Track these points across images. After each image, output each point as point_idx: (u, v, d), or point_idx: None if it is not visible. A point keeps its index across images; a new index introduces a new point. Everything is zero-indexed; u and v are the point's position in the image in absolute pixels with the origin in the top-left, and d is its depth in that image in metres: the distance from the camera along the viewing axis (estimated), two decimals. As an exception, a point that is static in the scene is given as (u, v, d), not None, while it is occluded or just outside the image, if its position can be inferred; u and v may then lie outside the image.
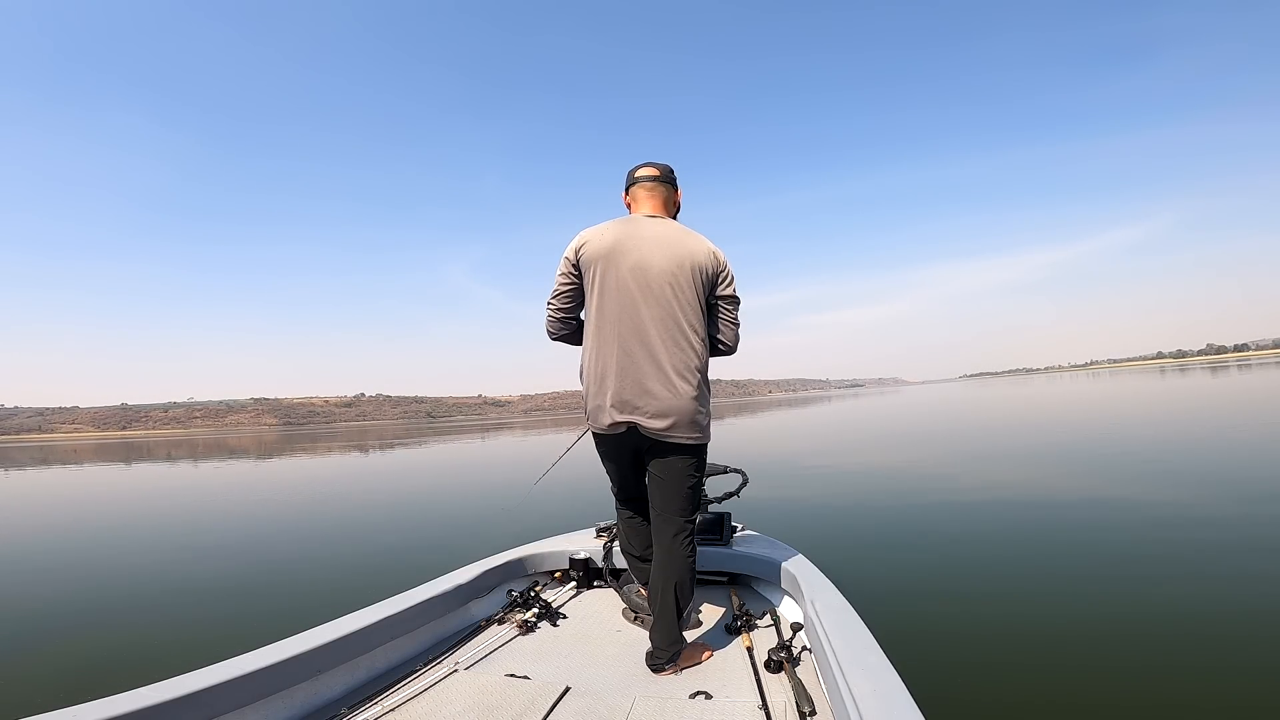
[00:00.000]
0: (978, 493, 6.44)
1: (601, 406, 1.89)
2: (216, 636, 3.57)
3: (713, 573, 2.52)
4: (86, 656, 3.41)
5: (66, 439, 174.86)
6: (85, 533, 7.66)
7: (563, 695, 1.66)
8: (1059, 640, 2.82)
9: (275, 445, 35.10)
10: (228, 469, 18.42)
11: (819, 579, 2.06)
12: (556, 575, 2.68)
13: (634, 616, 2.24)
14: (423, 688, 1.74)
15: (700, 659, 1.89)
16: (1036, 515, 5.27)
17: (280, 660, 1.56)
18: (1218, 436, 9.60)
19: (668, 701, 1.63)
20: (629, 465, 2.05)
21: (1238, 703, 2.24)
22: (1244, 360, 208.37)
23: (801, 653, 1.86)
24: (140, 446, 48.80)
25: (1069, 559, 3.97)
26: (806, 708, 1.54)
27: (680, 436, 1.85)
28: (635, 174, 2.08)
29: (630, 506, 2.17)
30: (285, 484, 13.20)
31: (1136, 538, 4.34)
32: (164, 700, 1.33)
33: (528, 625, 2.18)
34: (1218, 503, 5.23)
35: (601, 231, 1.95)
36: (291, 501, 9.91)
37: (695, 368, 1.88)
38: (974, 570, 3.93)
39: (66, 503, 11.64)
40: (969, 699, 2.36)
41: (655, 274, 1.88)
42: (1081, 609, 3.17)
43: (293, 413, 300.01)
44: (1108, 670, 2.50)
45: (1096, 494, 5.95)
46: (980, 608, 3.31)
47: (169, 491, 12.81)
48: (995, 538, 4.66)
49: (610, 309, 1.89)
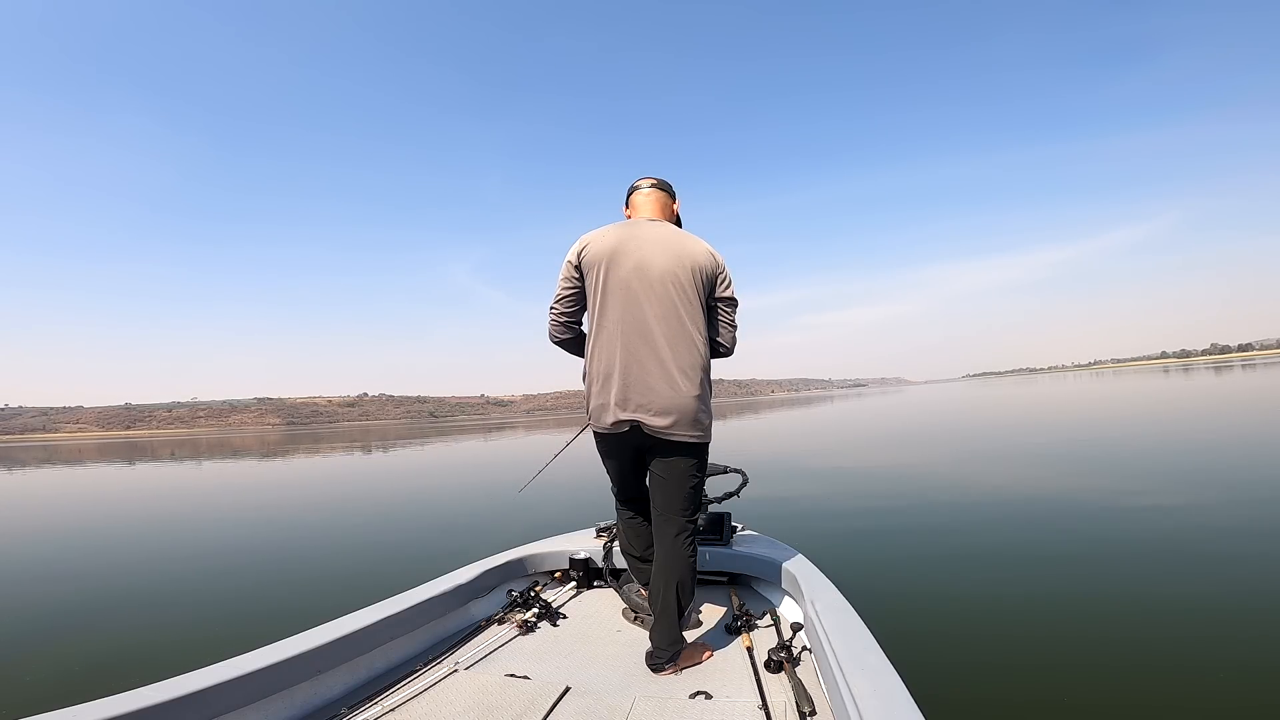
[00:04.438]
0: (978, 493, 6.43)
1: (605, 405, 1.89)
2: (217, 636, 3.58)
3: (713, 573, 2.52)
4: (87, 656, 3.41)
5: (70, 439, 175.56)
6: (86, 533, 7.68)
7: (563, 695, 1.66)
8: (1059, 640, 2.81)
9: (278, 445, 35.17)
10: (230, 469, 18.46)
11: (819, 579, 2.06)
12: (556, 575, 2.68)
13: (634, 616, 2.24)
14: (423, 688, 1.74)
15: (700, 659, 1.89)
16: (1037, 515, 5.25)
17: (280, 660, 1.56)
18: (1219, 436, 9.56)
19: (668, 701, 1.63)
20: (630, 465, 2.05)
21: (1237, 702, 2.23)
22: (1248, 360, 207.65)
23: (801, 653, 1.86)
24: (144, 446, 48.95)
25: (1069, 559, 3.96)
26: (806, 708, 1.54)
27: (682, 435, 1.86)
28: (634, 185, 2.16)
29: (631, 507, 2.18)
30: (287, 484, 13.22)
31: (1137, 538, 4.33)
32: (164, 700, 1.33)
33: (528, 625, 2.19)
34: (1219, 502, 5.21)
35: (603, 234, 1.97)
36: (292, 502, 9.93)
37: (699, 366, 1.90)
38: (974, 570, 3.92)
39: (69, 502, 11.69)
40: (969, 699, 2.35)
41: (657, 274, 1.90)
42: (1082, 609, 3.16)
43: (296, 412, 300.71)
44: (1108, 670, 2.49)
45: (1097, 494, 5.93)
46: (980, 608, 3.30)
47: (171, 491, 12.85)
48: (995, 538, 4.66)
49: (613, 309, 1.90)
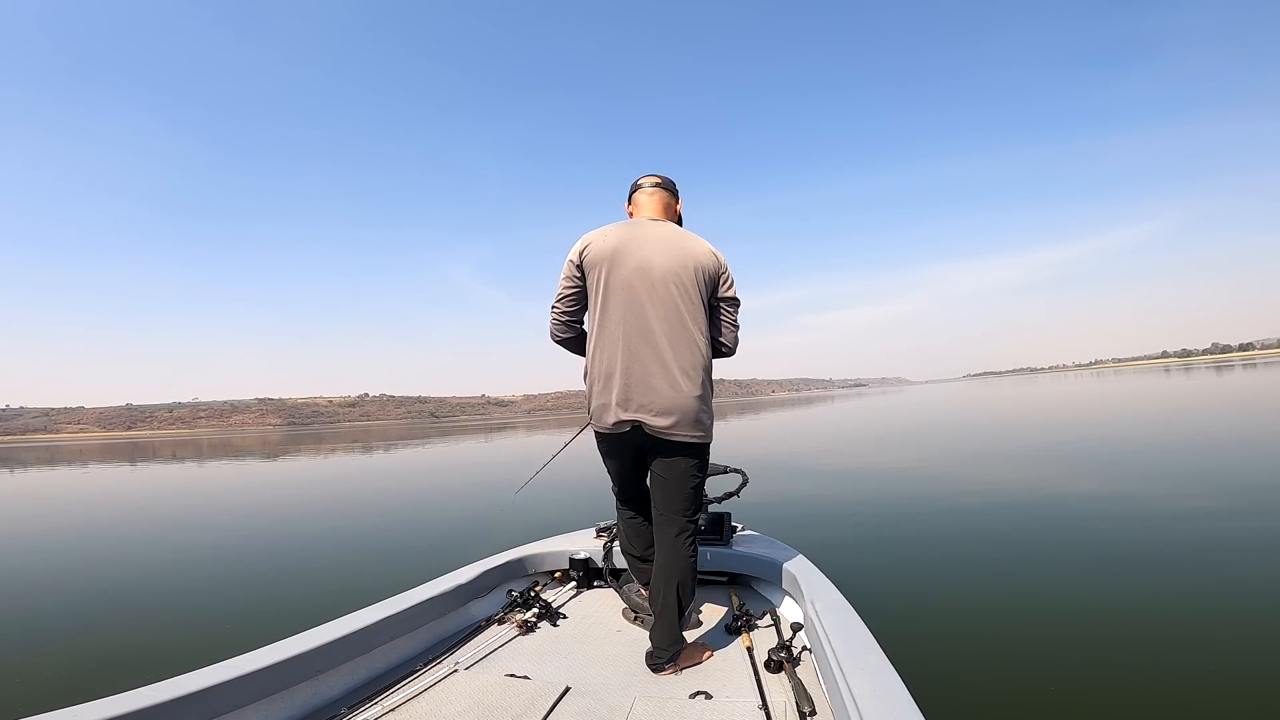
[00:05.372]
0: (978, 492, 6.42)
1: (606, 405, 1.89)
2: (217, 636, 3.58)
3: (713, 573, 2.52)
4: (87, 656, 3.42)
5: (72, 439, 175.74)
6: (87, 533, 7.69)
7: (563, 695, 1.66)
8: (1059, 640, 2.80)
9: (280, 445, 35.19)
10: (231, 469, 18.47)
11: (819, 579, 2.06)
12: (556, 575, 2.68)
13: (634, 616, 2.24)
14: (423, 688, 1.74)
15: (700, 659, 1.89)
16: (1037, 515, 5.25)
17: (280, 660, 1.56)
18: (1219, 435, 9.55)
19: (668, 701, 1.63)
20: (631, 464, 2.05)
21: (1238, 701, 2.23)
22: (1249, 359, 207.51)
23: (801, 653, 1.86)
24: (145, 447, 49.01)
25: (1070, 558, 3.95)
26: (806, 708, 1.54)
27: (684, 435, 1.86)
28: (637, 182, 2.14)
29: (631, 506, 2.18)
30: (287, 485, 13.23)
31: (1138, 537, 4.32)
32: (164, 700, 1.33)
33: (528, 625, 2.19)
34: (1220, 502, 5.20)
35: (605, 234, 1.96)
36: (292, 502, 9.93)
37: (700, 366, 1.89)
38: (974, 570, 3.92)
39: (70, 503, 11.70)
40: (969, 699, 2.35)
41: (659, 274, 1.89)
42: (1082, 608, 3.15)
43: (297, 413, 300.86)
44: (1108, 669, 2.49)
45: (1097, 494, 5.92)
46: (980, 607, 3.30)
47: (172, 492, 12.86)
48: (995, 538, 4.65)
49: (615, 309, 1.90)
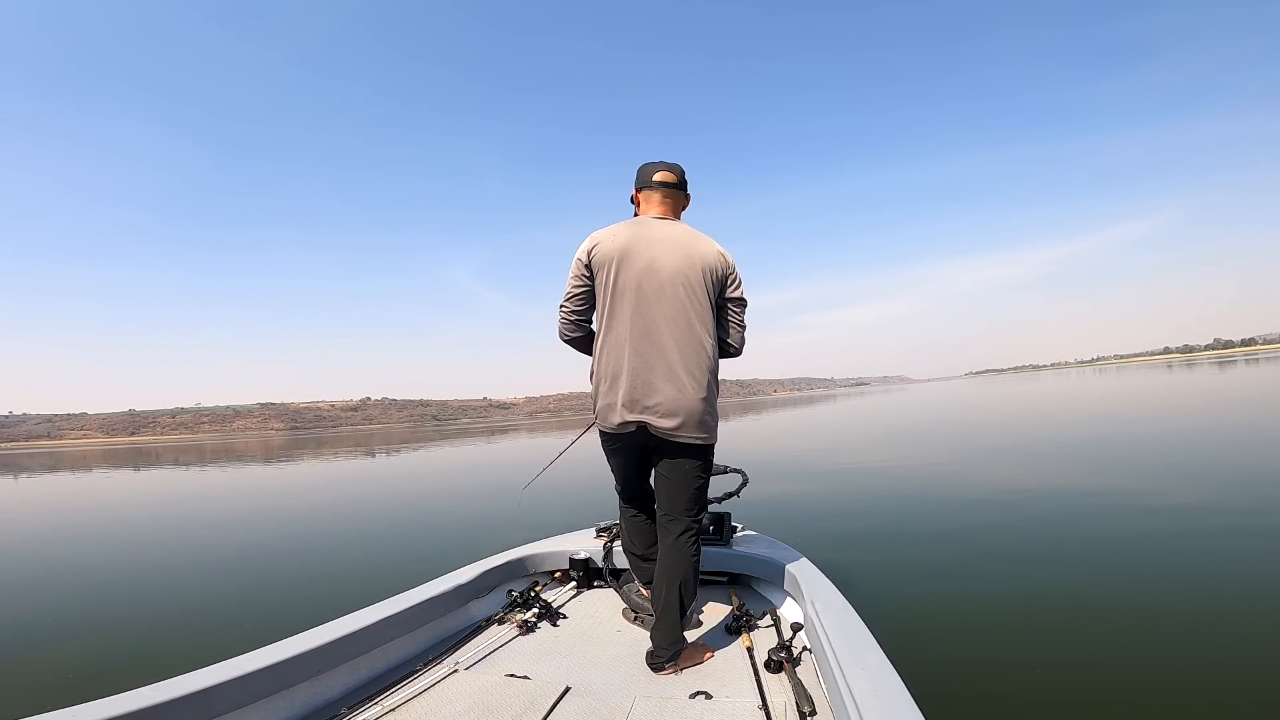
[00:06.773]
0: (977, 492, 6.40)
1: (612, 405, 1.89)
2: (217, 636, 3.58)
3: (713, 573, 2.52)
4: (87, 656, 3.42)
5: (75, 445, 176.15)
6: (87, 534, 7.69)
7: (563, 695, 1.66)
8: (1059, 639, 2.79)
9: (282, 450, 35.23)
10: (233, 473, 18.49)
11: (819, 579, 2.06)
12: (556, 575, 2.68)
13: (634, 616, 2.24)
14: (423, 688, 1.74)
15: (700, 659, 1.89)
16: (1037, 514, 5.22)
17: (280, 660, 1.57)
18: (1220, 434, 9.51)
19: (668, 701, 1.63)
20: (635, 464, 2.06)
21: (1237, 701, 2.22)
22: (1251, 355, 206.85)
23: (802, 653, 1.86)
24: (148, 452, 49.06)
25: (1070, 557, 3.94)
26: (806, 708, 1.53)
27: (688, 436, 1.86)
28: (650, 176, 2.03)
29: (634, 505, 2.18)
30: (288, 487, 13.23)
31: (1138, 536, 4.30)
32: (164, 700, 1.33)
33: (528, 625, 2.19)
34: (1221, 501, 5.19)
35: (613, 233, 1.95)
36: (293, 504, 9.93)
37: (707, 368, 1.89)
38: (974, 570, 3.90)
39: (71, 505, 11.71)
40: (969, 698, 2.34)
41: (667, 275, 1.89)
42: (1082, 607, 3.14)
43: (299, 417, 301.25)
44: (1108, 669, 2.48)
45: (1098, 492, 5.90)
46: (980, 607, 3.29)
47: (174, 496, 12.87)
48: (995, 537, 4.63)
49: (622, 309, 1.90)
